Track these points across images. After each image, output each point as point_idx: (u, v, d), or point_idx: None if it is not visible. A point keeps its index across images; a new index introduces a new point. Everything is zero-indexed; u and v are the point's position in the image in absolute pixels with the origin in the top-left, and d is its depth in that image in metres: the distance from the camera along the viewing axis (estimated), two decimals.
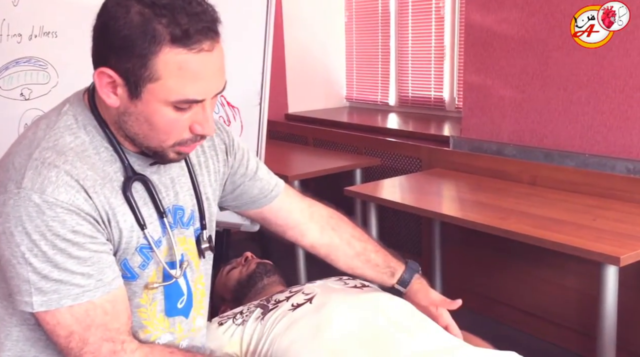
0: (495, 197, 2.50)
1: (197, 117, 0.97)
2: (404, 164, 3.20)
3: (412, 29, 3.77)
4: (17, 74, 1.95)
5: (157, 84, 0.92)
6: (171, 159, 1.03)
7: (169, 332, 1.11)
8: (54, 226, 0.92)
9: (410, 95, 3.86)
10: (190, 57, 0.92)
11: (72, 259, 0.93)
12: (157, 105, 0.94)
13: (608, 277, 1.89)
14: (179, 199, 1.11)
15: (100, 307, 0.96)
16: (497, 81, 2.80)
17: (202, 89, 0.95)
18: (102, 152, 1.00)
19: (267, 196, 1.30)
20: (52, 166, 0.93)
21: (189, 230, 1.14)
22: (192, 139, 1.00)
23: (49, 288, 0.93)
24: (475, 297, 2.96)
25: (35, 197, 0.91)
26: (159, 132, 0.97)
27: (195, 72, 0.93)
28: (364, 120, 3.82)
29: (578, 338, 2.55)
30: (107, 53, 0.93)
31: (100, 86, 0.95)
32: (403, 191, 2.79)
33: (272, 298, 1.26)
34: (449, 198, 2.71)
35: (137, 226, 1.02)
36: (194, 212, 1.14)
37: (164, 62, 0.91)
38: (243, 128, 1.94)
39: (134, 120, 0.97)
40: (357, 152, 3.45)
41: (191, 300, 1.15)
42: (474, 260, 2.94)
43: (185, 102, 0.95)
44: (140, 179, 1.03)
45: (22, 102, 1.95)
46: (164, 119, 0.96)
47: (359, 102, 4.24)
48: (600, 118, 2.45)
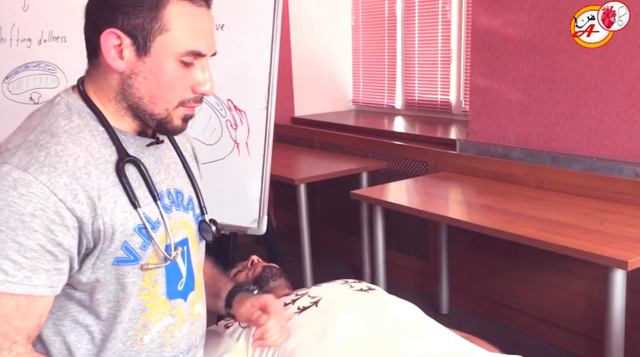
0: (502, 200, 2.49)
1: (199, 75, 1.04)
2: (410, 167, 3.20)
3: (418, 32, 3.77)
4: (26, 78, 1.95)
5: (167, 36, 0.99)
6: (176, 126, 1.06)
7: (170, 314, 1.11)
8: (17, 203, 0.92)
9: (417, 98, 3.86)
10: (194, 9, 1.01)
11: (13, 242, 0.92)
12: (166, 59, 1.00)
13: (616, 281, 1.89)
14: (176, 183, 1.14)
15: (15, 300, 0.94)
16: (503, 84, 2.80)
17: (206, 43, 1.03)
18: (97, 135, 1.03)
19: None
20: (43, 147, 0.96)
21: (188, 214, 1.16)
22: (194, 99, 1.05)
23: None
24: (482, 301, 2.95)
25: (15, 173, 0.93)
26: (166, 90, 1.02)
27: (199, 25, 1.02)
28: (370, 123, 3.83)
29: (585, 342, 2.54)
30: (114, 15, 0.98)
31: (106, 50, 0.99)
32: (409, 194, 2.79)
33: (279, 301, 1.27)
34: (456, 201, 2.71)
35: (130, 206, 1.03)
36: (192, 197, 1.17)
37: (173, 14, 0.99)
38: (250, 132, 1.94)
39: (141, 80, 1.01)
40: (363, 155, 3.45)
41: (191, 283, 1.15)
42: (481, 263, 2.93)
43: (192, 54, 1.01)
44: (132, 161, 1.05)
45: (32, 106, 1.94)
46: (171, 74, 1.01)
47: (365, 105, 4.24)
48: (608, 121, 2.45)
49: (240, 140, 1.92)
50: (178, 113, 1.05)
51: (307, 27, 4.09)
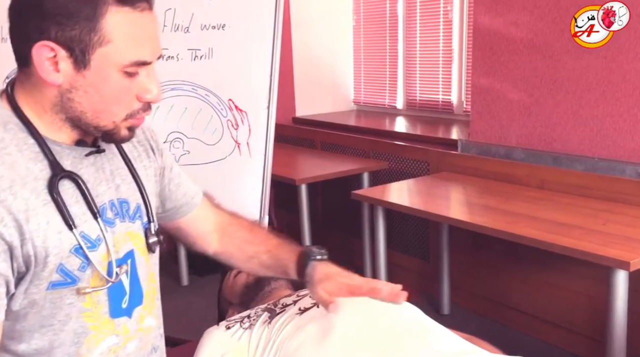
0: (503, 201, 2.49)
1: (144, 83, 0.95)
2: (411, 167, 3.20)
3: (420, 33, 3.76)
4: None
5: (108, 48, 0.90)
6: (123, 137, 0.99)
7: (114, 334, 1.05)
8: None
9: (418, 98, 3.85)
10: (136, 16, 0.91)
11: None
12: (109, 72, 0.92)
13: (618, 282, 1.88)
14: (120, 192, 1.06)
15: None
16: (505, 84, 2.79)
17: (151, 49, 0.95)
18: (25, 149, 0.94)
19: (189, 203, 1.25)
20: None
21: (135, 224, 1.08)
22: (142, 108, 0.98)
23: None
24: (483, 302, 2.95)
25: None
26: (110, 104, 0.94)
27: (143, 32, 0.93)
28: (371, 123, 3.82)
29: (587, 343, 2.53)
30: (46, 26, 0.88)
31: (39, 63, 0.89)
32: (411, 195, 2.78)
33: (280, 302, 1.26)
34: (457, 202, 2.70)
35: (65, 227, 0.95)
36: (139, 205, 1.09)
37: (113, 23, 0.89)
38: (251, 132, 1.93)
39: (82, 95, 0.92)
40: (364, 155, 3.45)
41: (138, 298, 1.09)
42: (482, 264, 2.92)
43: (137, 64, 0.93)
44: (68, 176, 0.97)
45: None
46: (115, 86, 0.93)
47: (366, 105, 4.24)
48: (610, 121, 2.44)
49: (241, 141, 1.92)
50: (125, 124, 0.97)
51: (308, 27, 4.09)
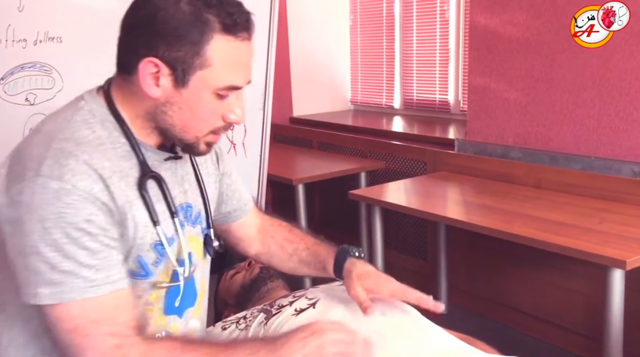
0: (500, 200, 2.49)
1: (232, 105, 1.02)
2: (409, 167, 3.20)
3: (416, 32, 3.76)
4: (22, 79, 1.94)
5: (207, 71, 0.97)
6: (201, 151, 1.05)
7: (165, 330, 1.11)
8: (68, 213, 0.91)
9: (415, 98, 3.85)
10: (237, 44, 0.98)
11: (82, 250, 0.92)
12: (203, 93, 0.98)
13: (614, 281, 1.88)
14: (188, 196, 1.13)
15: (107, 301, 0.94)
16: (501, 84, 2.79)
17: (244, 76, 1.02)
18: (118, 147, 1.00)
19: (242, 209, 1.33)
20: (71, 155, 0.93)
21: (196, 228, 1.15)
22: (224, 127, 1.04)
23: (57, 280, 0.91)
24: (480, 301, 2.95)
25: (52, 183, 0.91)
26: (199, 121, 1.00)
27: (239, 60, 1.00)
28: (368, 123, 3.82)
29: (584, 342, 2.54)
30: (155, 43, 0.96)
31: (143, 76, 0.97)
32: (408, 194, 2.78)
33: (276, 303, 1.26)
34: (454, 201, 2.70)
35: (150, 222, 1.02)
36: (201, 211, 1.16)
37: (216, 50, 0.96)
38: (247, 132, 1.93)
39: (175, 110, 0.99)
40: (361, 155, 3.45)
41: (192, 299, 1.15)
42: (480, 263, 2.92)
43: (230, 89, 1.00)
44: (154, 176, 1.04)
45: (27, 107, 1.95)
46: (207, 106, 0.99)
47: (363, 105, 4.24)
48: (606, 120, 2.44)
49: (237, 141, 1.92)
50: (206, 139, 1.04)
51: (305, 27, 4.09)
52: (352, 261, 1.24)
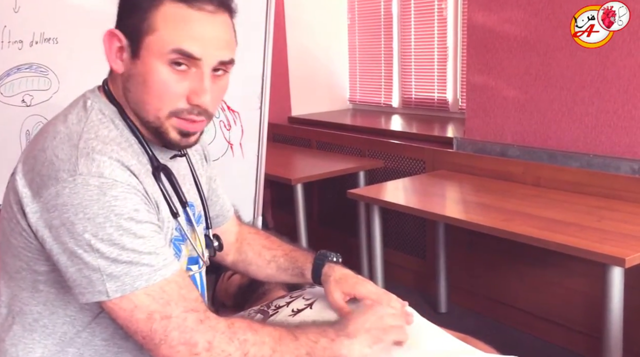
0: (499, 198, 2.48)
1: (194, 84, 0.96)
2: (407, 166, 3.19)
3: (414, 31, 3.76)
4: (18, 80, 1.94)
5: (153, 36, 0.94)
6: (172, 139, 1.00)
7: None
8: (117, 206, 0.90)
9: (414, 96, 3.85)
10: (189, 12, 0.94)
11: (138, 238, 0.91)
12: (153, 62, 0.95)
13: (613, 279, 1.88)
14: (190, 196, 1.12)
15: (173, 282, 0.94)
16: (500, 82, 2.79)
17: (199, 46, 0.95)
18: (133, 144, 1.00)
19: (224, 216, 1.32)
20: (102, 152, 0.93)
21: (199, 227, 1.14)
22: (188, 110, 0.98)
23: (120, 272, 0.90)
24: (480, 300, 2.94)
25: (93, 180, 0.90)
26: (153, 96, 0.96)
27: (192, 27, 0.94)
28: (367, 122, 3.82)
29: (584, 340, 2.53)
30: (119, 16, 0.98)
31: (109, 51, 0.97)
32: (406, 193, 2.78)
33: (273, 303, 1.25)
34: (453, 200, 2.70)
35: (171, 216, 1.02)
36: (201, 211, 1.16)
37: (162, 15, 0.94)
38: (244, 132, 1.93)
39: (133, 84, 0.97)
40: (360, 154, 3.44)
41: (204, 296, 1.15)
42: (479, 262, 2.92)
43: (179, 53, 0.94)
44: (164, 169, 1.03)
45: (24, 109, 1.95)
46: (160, 78, 0.95)
47: (362, 104, 4.23)
48: (604, 118, 2.44)
49: (234, 141, 1.91)
50: (172, 124, 0.99)
51: (303, 26, 4.08)
52: (330, 266, 1.22)
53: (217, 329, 0.93)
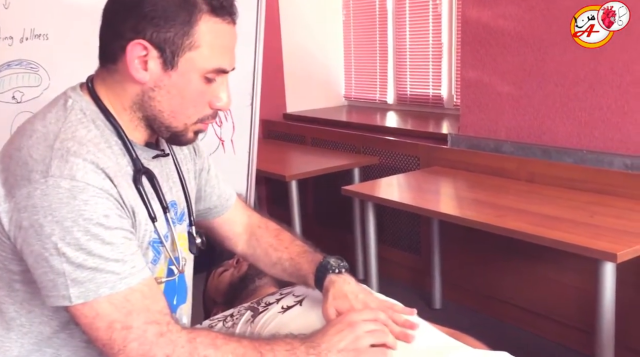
0: (493, 194, 2.48)
1: (218, 91, 1.01)
2: (402, 162, 3.19)
3: (409, 27, 3.75)
4: (8, 77, 1.93)
5: (196, 52, 0.96)
6: (189, 139, 1.05)
7: None
8: (86, 210, 0.89)
9: (409, 93, 3.84)
10: (224, 27, 0.98)
11: (105, 245, 0.91)
12: (192, 75, 0.98)
13: (605, 274, 1.88)
14: (173, 194, 1.12)
15: (139, 291, 0.93)
16: (494, 78, 2.78)
17: (231, 60, 1.02)
18: (113, 145, 0.99)
19: (223, 205, 1.30)
20: (77, 154, 0.92)
21: (182, 225, 1.14)
22: (211, 115, 1.04)
23: (84, 278, 0.89)
24: (474, 296, 2.94)
25: (65, 183, 0.89)
26: (188, 106, 1.00)
27: (226, 43, 1.00)
28: (362, 119, 3.81)
29: (577, 335, 2.53)
30: (142, 25, 0.95)
31: (131, 60, 0.96)
32: (401, 190, 2.78)
33: (263, 300, 1.25)
34: (447, 196, 2.70)
35: (149, 220, 1.02)
36: (184, 207, 1.15)
37: (204, 31, 0.96)
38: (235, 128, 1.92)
39: (163, 95, 0.98)
40: (355, 151, 3.44)
41: (184, 296, 1.15)
42: (473, 258, 2.92)
43: (218, 71, 0.99)
44: (146, 172, 1.03)
45: (14, 106, 1.93)
46: (195, 90, 0.99)
47: (357, 101, 4.22)
48: (598, 114, 2.44)
49: (225, 138, 1.91)
50: (194, 128, 1.04)
51: (298, 22, 4.07)
52: (330, 279, 1.18)
53: (177, 344, 0.92)
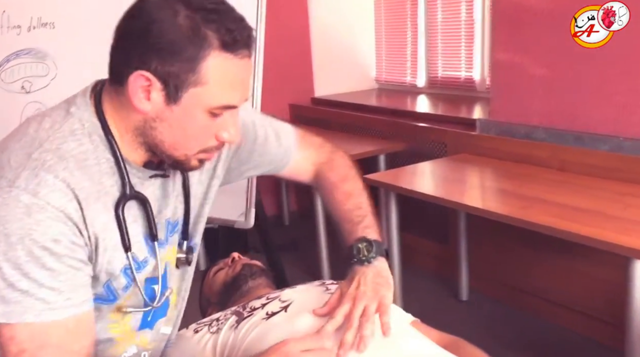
0: (521, 184, 2.36)
1: (226, 124, 0.96)
2: (429, 148, 3.08)
3: (441, 7, 3.61)
4: (17, 66, 1.92)
5: (202, 89, 0.91)
6: (192, 167, 1.00)
7: (134, 344, 1.08)
8: (35, 230, 0.87)
9: (440, 75, 3.72)
10: (235, 62, 0.91)
11: (44, 270, 0.87)
12: (196, 111, 0.92)
13: (635, 272, 1.76)
14: (169, 209, 1.07)
15: (63, 326, 0.90)
16: (526, 59, 2.64)
17: (241, 95, 0.95)
18: (102, 163, 0.95)
19: (282, 161, 1.27)
20: (50, 170, 0.89)
21: (173, 237, 1.09)
22: (217, 147, 0.99)
23: (13, 298, 0.87)
24: (501, 288, 2.83)
25: (25, 197, 0.87)
26: (190, 139, 0.95)
27: (238, 79, 0.93)
28: (391, 103, 3.71)
29: (607, 329, 2.41)
30: (148, 56, 0.89)
31: (133, 90, 0.91)
32: (425, 179, 2.68)
33: (249, 305, 1.19)
34: (473, 186, 2.58)
35: (121, 247, 0.97)
36: (178, 221, 1.10)
37: (212, 68, 0.90)
38: None
39: (165, 127, 0.93)
40: (381, 136, 3.34)
41: (164, 311, 1.11)
42: (502, 248, 2.80)
43: (225, 108, 0.94)
44: (136, 197, 0.99)
45: (23, 96, 1.92)
46: (198, 125, 0.94)
47: (388, 84, 4.11)
48: (635, 97, 2.28)
49: None
50: (197, 157, 0.99)
51: (327, 4, 3.97)
52: (353, 271, 1.10)
53: None
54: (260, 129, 1.22)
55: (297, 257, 3.37)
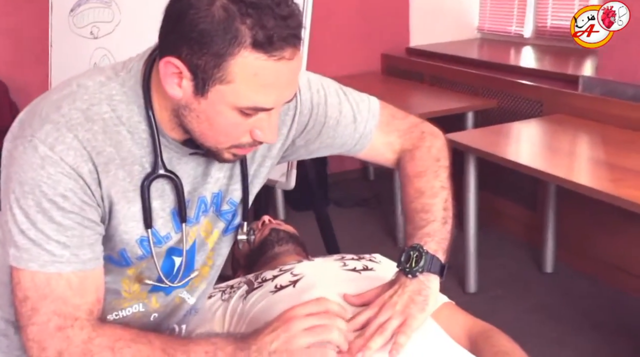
0: (618, 153, 2.13)
1: (261, 123, 0.90)
2: (523, 107, 2.83)
3: None
4: (87, 11, 1.93)
5: (227, 87, 0.85)
6: (226, 159, 0.96)
7: (142, 302, 1.06)
8: (45, 183, 0.88)
9: (549, 25, 3.39)
10: (269, 64, 0.84)
11: (51, 223, 0.88)
12: (222, 108, 0.87)
13: None
14: (207, 188, 1.02)
15: (66, 279, 0.90)
16: None
17: (274, 98, 0.88)
18: (135, 133, 0.93)
19: (358, 144, 1.15)
20: (72, 129, 0.89)
21: (209, 215, 1.05)
22: (250, 143, 0.93)
23: (23, 245, 0.89)
24: (592, 262, 2.60)
25: (42, 149, 0.88)
26: (218, 133, 0.91)
27: (270, 81, 0.86)
28: (491, 55, 3.45)
29: None
30: (179, 43, 0.85)
31: (164, 75, 0.88)
32: (512, 142, 2.47)
33: (261, 275, 1.14)
34: (564, 154, 2.33)
35: (141, 220, 0.96)
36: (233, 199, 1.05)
37: (240, 66, 0.83)
38: None
39: (193, 117, 0.90)
40: (473, 92, 3.12)
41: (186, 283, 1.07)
42: (593, 220, 2.56)
43: (255, 110, 0.88)
44: (166, 176, 0.96)
45: (92, 41, 1.94)
46: (226, 121, 0.89)
47: (491, 33, 3.82)
48: None
49: None
50: (230, 151, 0.94)
51: None
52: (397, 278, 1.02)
53: (72, 342, 0.88)
54: (332, 109, 1.11)
55: (379, 213, 3.28)
